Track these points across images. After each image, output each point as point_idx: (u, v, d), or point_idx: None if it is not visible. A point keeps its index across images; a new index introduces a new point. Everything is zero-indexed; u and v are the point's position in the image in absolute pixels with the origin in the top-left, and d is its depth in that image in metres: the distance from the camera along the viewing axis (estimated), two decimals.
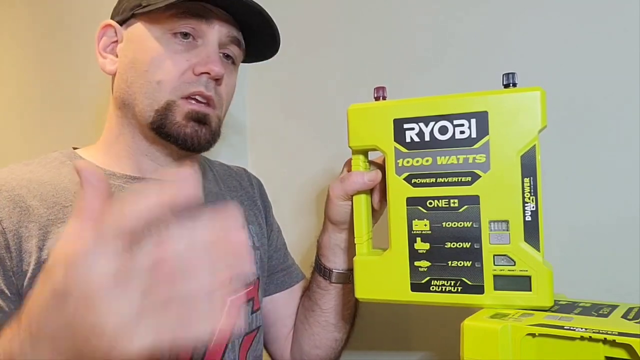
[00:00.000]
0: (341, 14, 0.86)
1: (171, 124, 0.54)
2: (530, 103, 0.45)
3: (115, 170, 0.57)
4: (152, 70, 0.54)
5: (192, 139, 0.55)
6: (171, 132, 0.54)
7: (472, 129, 0.47)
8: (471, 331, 0.42)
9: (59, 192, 0.53)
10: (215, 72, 0.54)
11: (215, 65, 0.54)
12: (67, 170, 0.56)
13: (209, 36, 0.56)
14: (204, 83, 0.55)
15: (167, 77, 0.54)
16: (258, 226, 0.68)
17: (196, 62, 0.54)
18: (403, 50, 0.79)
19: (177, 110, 0.54)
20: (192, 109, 0.54)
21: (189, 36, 0.55)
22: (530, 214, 0.45)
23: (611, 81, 0.63)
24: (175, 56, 0.54)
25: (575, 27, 0.66)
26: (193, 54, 0.55)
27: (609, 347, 0.38)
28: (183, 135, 0.54)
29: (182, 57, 0.55)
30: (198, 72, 0.54)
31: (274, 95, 0.95)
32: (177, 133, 0.54)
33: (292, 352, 0.69)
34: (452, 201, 0.48)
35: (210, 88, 0.55)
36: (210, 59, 0.55)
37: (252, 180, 0.74)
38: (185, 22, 0.54)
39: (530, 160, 0.45)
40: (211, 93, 0.55)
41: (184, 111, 0.54)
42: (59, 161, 0.57)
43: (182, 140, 0.55)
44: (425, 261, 0.49)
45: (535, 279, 0.45)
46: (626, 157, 0.62)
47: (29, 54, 1.21)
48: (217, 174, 0.69)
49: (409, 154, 0.49)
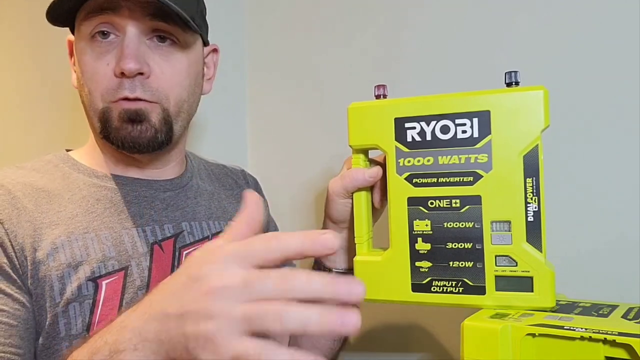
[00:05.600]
0: (341, 13, 0.86)
1: (110, 129, 0.52)
2: (533, 102, 0.45)
3: (107, 172, 0.57)
4: (85, 81, 0.53)
5: (129, 140, 0.52)
6: (111, 138, 0.53)
7: (474, 129, 0.47)
8: (471, 331, 0.42)
9: (53, 197, 0.52)
10: (128, 68, 0.50)
11: (127, 62, 0.50)
12: (61, 174, 0.55)
13: (120, 29, 0.52)
14: (127, 85, 0.51)
15: (94, 86, 0.52)
16: None
17: (115, 63, 0.51)
18: (404, 48, 0.79)
19: (112, 115, 0.52)
20: (123, 109, 0.52)
21: (108, 34, 0.52)
22: (532, 214, 0.45)
23: (615, 80, 0.63)
24: (97, 62, 0.52)
25: (578, 26, 0.65)
26: (113, 54, 0.52)
27: (609, 347, 0.39)
28: (120, 138, 0.52)
29: (102, 62, 0.52)
30: (117, 73, 0.51)
31: (274, 95, 0.95)
32: (115, 138, 0.52)
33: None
34: (453, 201, 0.48)
35: (135, 87, 0.51)
36: (122, 55, 0.50)
37: (248, 178, 0.74)
38: (95, 20, 0.51)
39: (533, 160, 0.45)
40: (136, 93, 0.51)
41: (117, 114, 0.52)
42: (52, 164, 0.56)
43: (121, 144, 0.53)
44: (426, 261, 0.49)
45: (537, 279, 0.45)
46: (628, 156, 0.62)
47: (27, 48, 1.20)
48: (213, 173, 0.69)
49: (410, 154, 0.49)
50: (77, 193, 0.54)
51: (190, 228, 0.58)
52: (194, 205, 0.61)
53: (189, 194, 0.61)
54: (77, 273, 0.49)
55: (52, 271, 0.48)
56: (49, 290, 0.48)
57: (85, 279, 0.49)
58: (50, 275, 0.48)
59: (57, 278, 0.48)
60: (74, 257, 0.49)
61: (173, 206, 0.59)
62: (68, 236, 0.50)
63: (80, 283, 0.49)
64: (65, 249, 0.49)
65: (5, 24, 1.25)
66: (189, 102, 0.57)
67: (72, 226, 0.51)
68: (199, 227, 0.59)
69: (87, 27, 0.52)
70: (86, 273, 0.49)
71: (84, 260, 0.50)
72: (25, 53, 1.21)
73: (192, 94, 0.58)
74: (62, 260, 0.49)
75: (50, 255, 0.49)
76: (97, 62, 0.52)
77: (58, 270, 0.48)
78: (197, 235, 0.59)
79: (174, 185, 0.61)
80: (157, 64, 0.53)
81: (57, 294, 0.48)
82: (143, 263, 0.53)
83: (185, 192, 0.61)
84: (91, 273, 0.50)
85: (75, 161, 0.57)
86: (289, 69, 0.92)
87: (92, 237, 0.51)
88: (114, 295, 0.50)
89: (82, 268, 0.49)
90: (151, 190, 0.58)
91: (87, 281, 0.49)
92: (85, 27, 0.52)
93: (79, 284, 0.49)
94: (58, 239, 0.50)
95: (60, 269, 0.49)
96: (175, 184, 0.61)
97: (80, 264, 0.49)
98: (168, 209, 0.58)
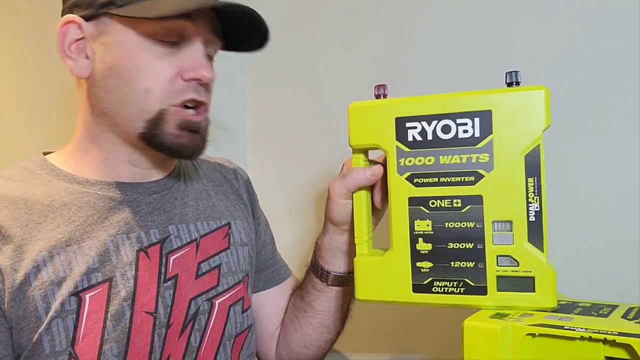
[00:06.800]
0: (342, 13, 0.86)
1: (164, 134, 0.52)
2: (535, 102, 0.45)
3: (89, 177, 0.55)
4: (138, 78, 0.51)
5: (186, 148, 0.53)
6: (164, 142, 0.52)
7: (475, 128, 0.47)
8: (471, 331, 0.42)
9: (32, 208, 0.50)
10: (207, 77, 0.52)
11: (207, 71, 0.52)
12: (39, 182, 0.53)
13: (193, 37, 0.52)
14: (194, 89, 0.52)
15: (155, 86, 0.51)
16: (245, 221, 0.66)
17: (184, 67, 0.52)
18: (405, 48, 0.79)
19: (169, 120, 0.52)
20: (184, 119, 0.52)
21: (175, 40, 0.52)
22: (534, 214, 0.45)
23: (616, 79, 0.63)
24: (161, 62, 0.51)
25: (579, 26, 0.66)
26: (179, 58, 0.52)
27: (609, 347, 0.39)
28: (178, 146, 0.52)
29: (168, 63, 0.51)
30: (188, 77, 0.52)
31: (274, 95, 0.95)
32: (171, 143, 0.52)
33: (278, 350, 0.67)
34: (455, 201, 0.48)
35: (201, 94, 0.53)
36: (199, 64, 0.52)
37: (238, 172, 0.71)
38: (169, 23, 0.50)
39: (534, 160, 0.45)
40: (203, 99, 0.53)
41: (177, 121, 0.52)
42: (29, 171, 0.54)
43: (176, 151, 0.53)
44: (427, 262, 0.49)
45: (539, 280, 0.45)
46: (629, 156, 0.62)
47: (27, 48, 1.20)
48: (201, 169, 0.67)
49: (411, 153, 0.49)
50: (57, 200, 0.52)
51: (178, 232, 0.57)
52: (181, 206, 0.59)
53: (176, 194, 0.59)
54: (61, 290, 0.48)
55: (35, 291, 0.47)
56: (33, 310, 0.47)
57: (68, 294, 0.48)
58: (34, 295, 0.47)
59: (40, 297, 0.47)
60: (57, 274, 0.48)
61: (159, 209, 0.57)
62: (50, 251, 0.49)
63: (64, 299, 0.48)
64: (47, 267, 0.48)
65: (5, 24, 1.25)
66: None
67: (54, 239, 0.49)
68: (187, 230, 0.58)
69: (155, 26, 0.50)
70: (69, 288, 0.48)
71: (67, 276, 0.48)
72: (25, 53, 1.21)
73: None
74: (44, 278, 0.48)
75: (32, 275, 0.47)
76: (161, 62, 0.51)
77: (41, 289, 0.47)
78: (185, 238, 0.57)
79: (160, 186, 0.58)
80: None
81: (42, 313, 0.47)
82: (128, 273, 0.51)
83: (172, 194, 0.59)
84: (74, 287, 0.48)
85: (54, 167, 0.55)
86: (289, 69, 0.92)
87: (74, 250, 0.50)
88: (98, 308, 0.49)
89: (65, 284, 0.48)
90: (136, 194, 0.56)
91: (69, 296, 0.48)
92: (154, 27, 0.51)
93: (62, 300, 0.47)
94: (39, 256, 0.48)
95: (43, 288, 0.47)
96: (161, 185, 0.59)
97: (63, 280, 0.48)
98: (154, 212, 0.56)
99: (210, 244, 0.59)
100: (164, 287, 0.53)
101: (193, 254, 0.57)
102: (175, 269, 0.54)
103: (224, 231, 0.62)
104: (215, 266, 0.58)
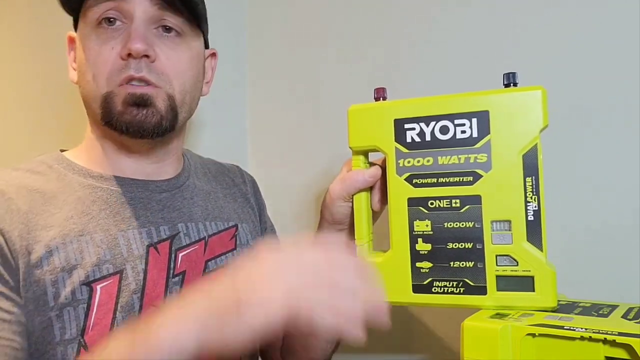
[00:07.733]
0: (341, 15, 0.86)
1: (113, 114, 0.52)
2: (532, 102, 0.45)
3: (102, 172, 0.56)
4: (87, 68, 0.53)
5: (134, 124, 0.52)
6: (115, 122, 0.52)
7: (473, 129, 0.47)
8: (471, 331, 0.42)
9: (48, 200, 0.52)
10: (135, 49, 0.50)
11: (135, 42, 0.50)
12: (56, 176, 0.55)
13: (131, 14, 0.52)
14: (134, 66, 0.51)
15: (98, 70, 0.52)
16: (252, 224, 0.67)
17: (121, 46, 0.52)
18: (403, 49, 0.79)
19: (115, 99, 0.52)
20: (128, 93, 0.52)
21: (114, 21, 0.52)
22: (532, 213, 0.45)
23: (613, 80, 0.63)
24: (102, 46, 0.52)
25: (576, 26, 0.66)
26: (118, 40, 0.52)
27: (609, 347, 0.39)
28: (125, 123, 0.52)
29: (107, 46, 0.52)
30: (123, 55, 0.51)
31: (274, 96, 0.95)
32: (119, 122, 0.52)
33: (282, 351, 0.67)
34: (453, 201, 0.48)
35: (140, 68, 0.52)
36: (130, 37, 0.51)
37: (245, 177, 0.72)
38: (104, 6, 0.52)
39: (532, 160, 0.45)
40: (142, 73, 0.52)
41: (122, 98, 0.52)
42: (46, 165, 0.56)
43: (125, 129, 0.52)
44: (427, 262, 0.49)
45: (538, 279, 0.45)
46: (627, 156, 0.62)
47: (27, 48, 1.20)
48: (210, 171, 0.68)
49: (410, 154, 0.49)
50: (72, 194, 0.54)
51: (187, 229, 0.58)
52: (190, 205, 0.60)
53: (186, 194, 0.61)
54: (72, 277, 0.49)
55: (46, 275, 0.48)
56: (42, 294, 0.47)
57: (80, 283, 0.49)
58: (44, 279, 0.48)
59: (50, 282, 0.48)
60: (69, 261, 0.49)
61: (169, 207, 0.58)
62: (63, 239, 0.50)
63: (74, 287, 0.48)
64: (59, 253, 0.49)
65: (5, 24, 1.25)
66: (191, 95, 0.57)
67: (67, 228, 0.51)
68: (195, 228, 0.59)
69: (95, 12, 0.52)
70: (80, 277, 0.49)
71: (78, 264, 0.49)
72: (25, 53, 1.21)
73: (194, 87, 0.58)
74: (56, 264, 0.48)
75: (45, 259, 0.48)
76: (102, 46, 0.52)
77: (52, 274, 0.48)
78: (194, 236, 0.58)
79: (170, 185, 0.60)
80: (162, 50, 0.54)
81: (50, 298, 0.48)
82: (138, 266, 0.52)
83: (181, 193, 0.61)
84: (85, 277, 0.49)
85: (70, 161, 0.57)
86: (289, 70, 0.92)
87: (87, 240, 0.51)
88: (108, 299, 0.50)
89: (76, 272, 0.49)
90: (147, 191, 0.58)
91: (81, 285, 0.49)
92: (93, 13, 0.52)
93: (73, 288, 0.48)
94: (52, 242, 0.49)
95: (54, 273, 0.48)
96: (171, 184, 0.60)
97: (74, 268, 0.49)
98: (164, 210, 0.58)
99: (217, 244, 0.60)
100: (172, 282, 0.54)
101: (201, 252, 0.58)
102: (183, 265, 0.56)
103: (231, 232, 0.62)
104: (222, 266, 0.59)
